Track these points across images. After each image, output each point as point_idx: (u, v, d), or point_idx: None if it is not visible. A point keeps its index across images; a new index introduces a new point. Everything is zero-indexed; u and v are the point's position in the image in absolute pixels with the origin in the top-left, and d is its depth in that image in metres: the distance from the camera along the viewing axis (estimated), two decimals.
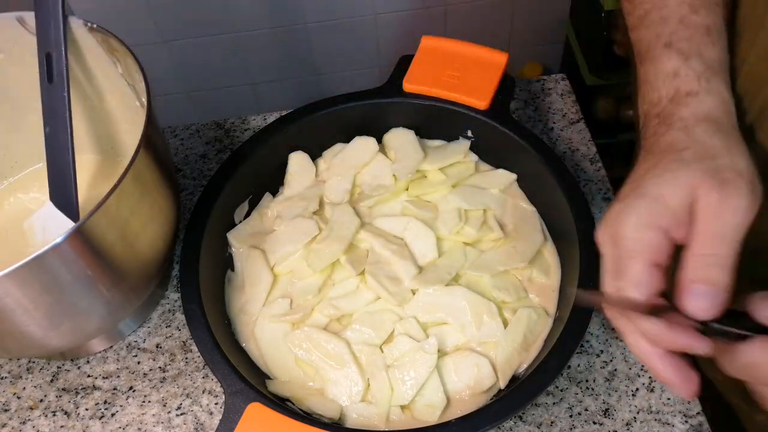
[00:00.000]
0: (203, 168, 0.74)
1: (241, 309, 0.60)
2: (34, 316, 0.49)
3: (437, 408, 0.54)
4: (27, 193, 0.69)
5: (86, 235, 0.47)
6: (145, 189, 0.52)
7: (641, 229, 0.37)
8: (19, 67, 0.62)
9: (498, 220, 0.63)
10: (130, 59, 0.56)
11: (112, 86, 0.62)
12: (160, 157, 0.55)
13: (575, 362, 0.58)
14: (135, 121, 0.63)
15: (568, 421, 0.55)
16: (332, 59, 1.33)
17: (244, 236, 0.64)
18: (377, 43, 1.30)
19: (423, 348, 0.55)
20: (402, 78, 0.66)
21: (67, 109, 0.57)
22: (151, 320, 0.64)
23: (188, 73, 1.32)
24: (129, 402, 0.59)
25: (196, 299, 0.55)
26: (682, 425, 0.55)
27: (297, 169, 0.67)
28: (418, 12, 1.24)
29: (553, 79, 0.79)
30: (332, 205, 0.64)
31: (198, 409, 0.58)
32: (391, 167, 0.66)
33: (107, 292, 0.53)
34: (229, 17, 1.23)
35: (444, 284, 0.58)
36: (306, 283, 0.60)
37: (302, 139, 0.67)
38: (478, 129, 0.66)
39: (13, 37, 0.60)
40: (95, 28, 0.57)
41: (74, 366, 0.62)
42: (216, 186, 0.62)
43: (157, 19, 1.21)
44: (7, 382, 0.61)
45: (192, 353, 0.61)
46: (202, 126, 0.78)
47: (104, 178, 0.68)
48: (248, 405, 0.49)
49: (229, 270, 0.63)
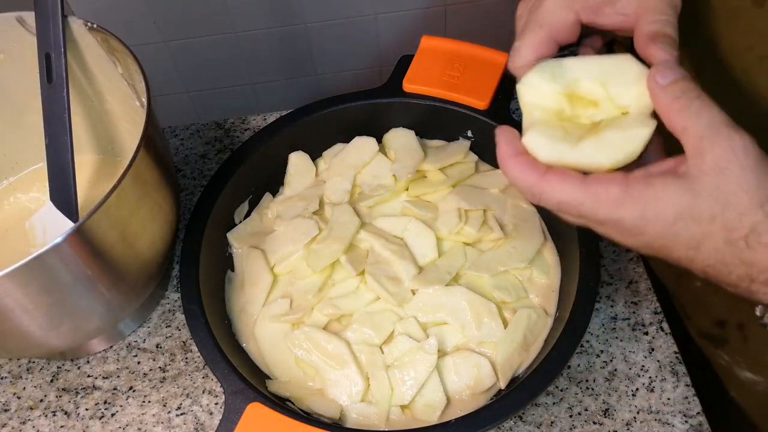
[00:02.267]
0: (203, 168, 0.74)
1: (241, 309, 0.60)
2: (34, 316, 0.49)
3: (437, 408, 0.54)
4: (27, 193, 0.69)
5: (86, 235, 0.47)
6: (145, 189, 0.52)
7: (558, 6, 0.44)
8: (19, 67, 0.62)
9: (498, 220, 0.63)
10: (130, 59, 0.56)
11: (112, 86, 0.62)
12: (160, 157, 0.55)
13: (575, 362, 0.58)
14: (135, 121, 0.63)
15: (568, 421, 0.55)
16: (332, 59, 1.33)
17: (244, 236, 0.64)
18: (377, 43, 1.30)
19: (423, 348, 0.55)
20: (402, 78, 0.66)
21: (66, 109, 0.57)
22: (151, 320, 0.64)
23: (188, 73, 1.32)
24: (129, 402, 0.59)
25: (196, 299, 0.55)
26: (682, 425, 0.55)
27: (297, 169, 0.67)
28: (418, 12, 1.24)
29: None
30: (332, 205, 0.64)
31: (198, 409, 0.58)
32: (391, 167, 0.66)
33: (107, 292, 0.53)
34: (229, 17, 1.23)
35: (444, 284, 0.58)
36: (306, 283, 0.60)
37: (302, 139, 0.67)
38: (478, 129, 0.66)
39: (13, 37, 0.60)
40: (95, 28, 0.57)
41: (74, 366, 0.62)
42: (216, 186, 0.62)
43: (157, 19, 1.21)
44: (7, 382, 0.61)
45: (192, 353, 0.61)
46: (202, 126, 0.78)
47: (104, 178, 0.68)
48: (248, 405, 0.49)
49: (229, 270, 0.63)
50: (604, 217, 0.38)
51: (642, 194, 0.37)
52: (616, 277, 0.63)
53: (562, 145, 0.39)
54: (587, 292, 0.54)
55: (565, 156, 0.39)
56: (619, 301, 0.62)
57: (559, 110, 0.42)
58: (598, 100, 0.41)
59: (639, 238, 0.38)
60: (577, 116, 0.42)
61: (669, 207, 0.36)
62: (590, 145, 0.39)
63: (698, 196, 0.36)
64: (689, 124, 0.36)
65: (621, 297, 0.62)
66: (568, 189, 0.38)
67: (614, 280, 0.63)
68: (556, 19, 0.44)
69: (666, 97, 0.38)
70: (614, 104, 0.41)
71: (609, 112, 0.41)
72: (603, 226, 0.39)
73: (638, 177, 0.38)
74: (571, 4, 0.44)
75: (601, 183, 0.38)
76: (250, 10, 1.20)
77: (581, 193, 0.38)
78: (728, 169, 0.35)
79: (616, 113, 0.41)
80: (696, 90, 0.37)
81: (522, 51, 0.45)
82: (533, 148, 0.40)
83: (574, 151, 0.39)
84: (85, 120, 0.66)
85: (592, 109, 0.41)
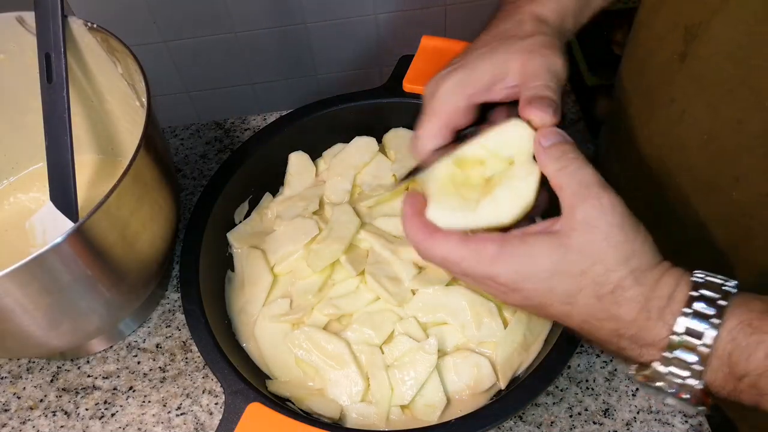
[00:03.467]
0: (203, 168, 0.74)
1: (241, 309, 0.60)
2: (34, 316, 0.49)
3: (437, 408, 0.54)
4: (27, 193, 0.69)
5: (86, 235, 0.47)
6: (145, 189, 0.52)
7: (450, 94, 0.46)
8: (19, 67, 0.62)
9: None
10: (130, 59, 0.56)
11: (112, 86, 0.62)
12: (160, 157, 0.55)
13: (575, 362, 0.58)
14: (135, 121, 0.63)
15: (568, 421, 0.55)
16: (332, 59, 1.33)
17: (244, 236, 0.64)
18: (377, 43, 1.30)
19: (423, 348, 0.55)
20: (402, 78, 0.66)
21: (66, 109, 0.57)
22: (151, 320, 0.64)
23: (188, 73, 1.32)
24: (129, 402, 0.59)
25: (196, 299, 0.56)
26: (682, 425, 0.55)
27: (297, 169, 0.67)
28: (418, 12, 1.24)
29: None
30: (332, 205, 0.64)
31: (198, 409, 0.58)
32: (391, 167, 0.65)
33: (107, 292, 0.53)
34: (229, 17, 1.23)
35: (444, 284, 0.58)
36: (306, 283, 0.60)
37: (302, 139, 0.67)
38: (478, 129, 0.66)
39: (13, 37, 0.60)
40: (95, 27, 0.57)
41: (74, 366, 0.62)
42: (216, 186, 0.62)
43: (157, 19, 1.21)
44: (7, 382, 0.61)
45: (192, 353, 0.61)
46: (202, 126, 0.78)
47: (104, 178, 0.68)
48: (248, 405, 0.49)
49: (229, 270, 0.63)
50: (483, 273, 0.40)
51: (516, 250, 0.39)
52: None
53: (461, 213, 0.42)
54: None
55: (468, 223, 0.42)
56: None
57: (452, 176, 0.44)
58: (483, 158, 0.44)
59: (517, 294, 0.40)
60: (469, 177, 0.44)
61: (542, 262, 0.38)
62: (487, 207, 0.41)
63: (569, 251, 0.38)
64: (565, 183, 0.39)
65: None
66: (451, 246, 0.41)
67: None
68: (449, 108, 0.47)
69: (548, 158, 0.40)
70: (499, 158, 0.43)
71: (496, 166, 0.43)
72: (484, 282, 0.41)
73: (515, 235, 0.40)
74: (462, 90, 0.46)
75: (480, 241, 0.40)
76: (250, 10, 1.20)
77: (461, 250, 0.40)
78: (596, 225, 0.37)
79: (503, 165, 0.43)
80: (575, 152, 0.40)
81: (422, 141, 0.47)
82: (435, 222, 0.42)
83: (474, 217, 0.42)
84: (85, 120, 0.66)
85: (480, 168, 0.44)
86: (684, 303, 0.37)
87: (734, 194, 0.45)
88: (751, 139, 0.42)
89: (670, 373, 0.37)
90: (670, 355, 0.37)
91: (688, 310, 0.36)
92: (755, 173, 0.42)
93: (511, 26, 0.49)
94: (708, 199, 0.48)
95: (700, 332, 0.36)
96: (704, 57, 0.45)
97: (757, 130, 0.42)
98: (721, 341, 0.36)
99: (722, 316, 0.36)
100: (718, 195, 0.47)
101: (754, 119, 0.42)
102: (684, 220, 0.51)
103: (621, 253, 0.37)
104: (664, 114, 0.50)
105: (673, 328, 0.36)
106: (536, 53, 0.45)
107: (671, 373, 0.37)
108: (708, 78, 0.45)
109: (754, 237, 0.45)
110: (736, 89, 0.42)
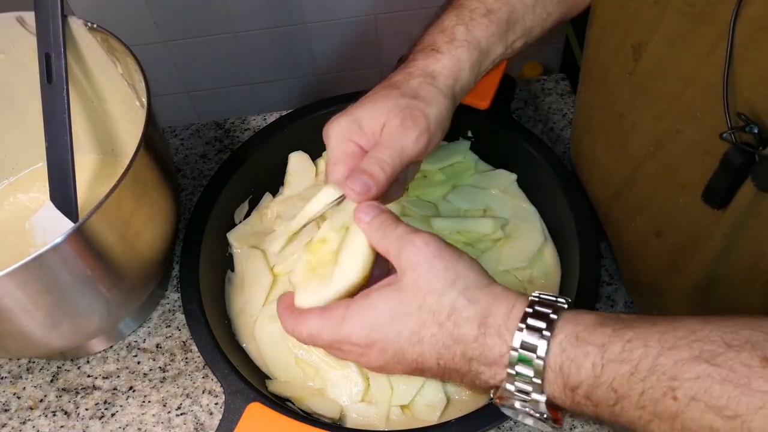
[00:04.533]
0: (203, 168, 0.74)
1: (241, 309, 0.60)
2: (34, 316, 0.49)
3: (437, 408, 0.54)
4: (27, 193, 0.69)
5: (86, 235, 0.47)
6: (145, 189, 0.52)
7: (339, 140, 0.48)
8: (19, 67, 0.62)
9: (498, 220, 0.62)
10: (130, 59, 0.56)
11: (112, 86, 0.62)
12: (160, 157, 0.55)
13: None
14: (135, 121, 0.63)
15: (568, 421, 0.55)
16: (332, 59, 1.33)
17: (244, 236, 0.64)
18: (377, 43, 1.30)
19: None
20: None
21: (66, 110, 0.57)
22: (151, 320, 0.64)
23: (188, 73, 1.32)
24: (129, 402, 0.59)
25: (196, 299, 0.56)
26: None
27: (297, 169, 0.67)
28: (418, 12, 1.24)
29: (553, 79, 0.79)
30: None
31: (198, 409, 0.58)
32: None
33: (107, 292, 0.53)
34: (229, 17, 1.23)
35: None
36: None
37: (302, 139, 0.67)
38: (479, 129, 0.66)
39: (13, 37, 0.60)
40: (95, 27, 0.57)
41: (74, 366, 0.62)
42: (216, 186, 0.62)
43: (157, 19, 1.21)
44: (7, 382, 0.61)
45: (192, 353, 0.61)
46: (202, 126, 0.78)
47: (104, 178, 0.68)
48: (248, 405, 0.49)
49: (229, 270, 0.63)
50: (339, 337, 0.42)
51: (360, 306, 0.42)
52: (616, 277, 0.63)
53: (320, 291, 0.44)
54: (587, 292, 0.54)
55: (327, 296, 0.44)
56: (619, 301, 0.62)
57: (308, 263, 0.46)
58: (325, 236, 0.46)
59: (373, 350, 0.42)
60: (321, 258, 0.46)
61: (382, 308, 0.41)
62: (338, 275, 0.44)
63: (402, 293, 0.41)
64: (388, 245, 0.42)
65: (621, 297, 0.62)
66: (311, 322, 0.43)
67: (614, 280, 0.63)
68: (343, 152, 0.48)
69: (371, 230, 0.43)
70: (335, 230, 0.46)
71: (336, 238, 0.46)
72: (342, 348, 0.43)
73: (360, 295, 0.42)
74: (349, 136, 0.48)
75: (331, 308, 0.43)
76: (250, 10, 1.20)
77: (318, 322, 0.43)
78: (418, 263, 0.41)
79: (341, 233, 0.46)
80: (391, 218, 0.43)
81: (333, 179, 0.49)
82: (302, 306, 0.45)
83: (330, 289, 0.44)
84: (85, 120, 0.66)
85: (327, 245, 0.46)
86: (520, 319, 0.38)
87: (681, 201, 0.47)
88: (689, 147, 0.45)
89: (518, 389, 0.39)
90: (513, 371, 0.38)
91: (522, 325, 0.38)
92: (697, 179, 0.44)
93: (401, 78, 0.51)
94: (660, 206, 0.50)
95: (534, 345, 0.37)
96: (647, 73, 0.47)
97: (693, 138, 0.44)
98: (552, 354, 0.37)
99: (553, 330, 0.37)
100: (667, 203, 0.49)
101: (690, 128, 0.44)
102: (638, 228, 0.54)
103: (446, 279, 0.40)
104: (618, 127, 0.52)
105: (511, 344, 0.38)
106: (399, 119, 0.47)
107: (518, 389, 0.39)
108: (652, 92, 0.47)
109: (702, 242, 0.47)
110: (673, 103, 0.45)
